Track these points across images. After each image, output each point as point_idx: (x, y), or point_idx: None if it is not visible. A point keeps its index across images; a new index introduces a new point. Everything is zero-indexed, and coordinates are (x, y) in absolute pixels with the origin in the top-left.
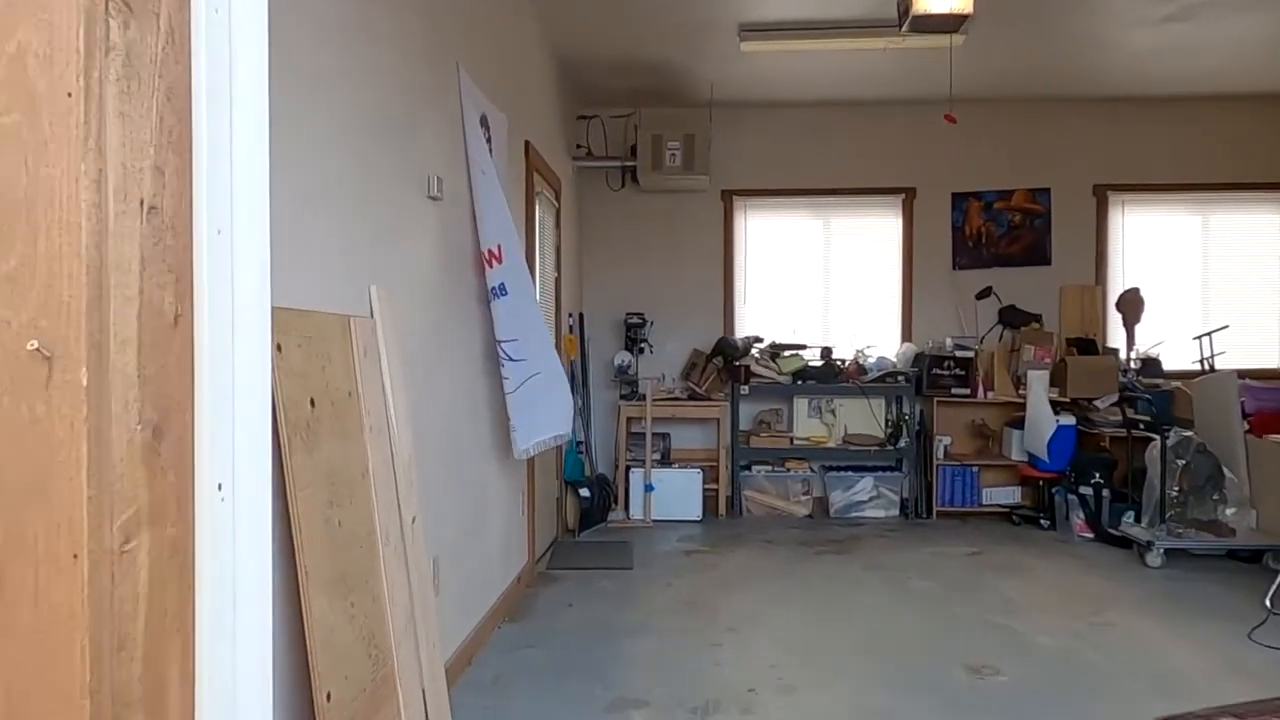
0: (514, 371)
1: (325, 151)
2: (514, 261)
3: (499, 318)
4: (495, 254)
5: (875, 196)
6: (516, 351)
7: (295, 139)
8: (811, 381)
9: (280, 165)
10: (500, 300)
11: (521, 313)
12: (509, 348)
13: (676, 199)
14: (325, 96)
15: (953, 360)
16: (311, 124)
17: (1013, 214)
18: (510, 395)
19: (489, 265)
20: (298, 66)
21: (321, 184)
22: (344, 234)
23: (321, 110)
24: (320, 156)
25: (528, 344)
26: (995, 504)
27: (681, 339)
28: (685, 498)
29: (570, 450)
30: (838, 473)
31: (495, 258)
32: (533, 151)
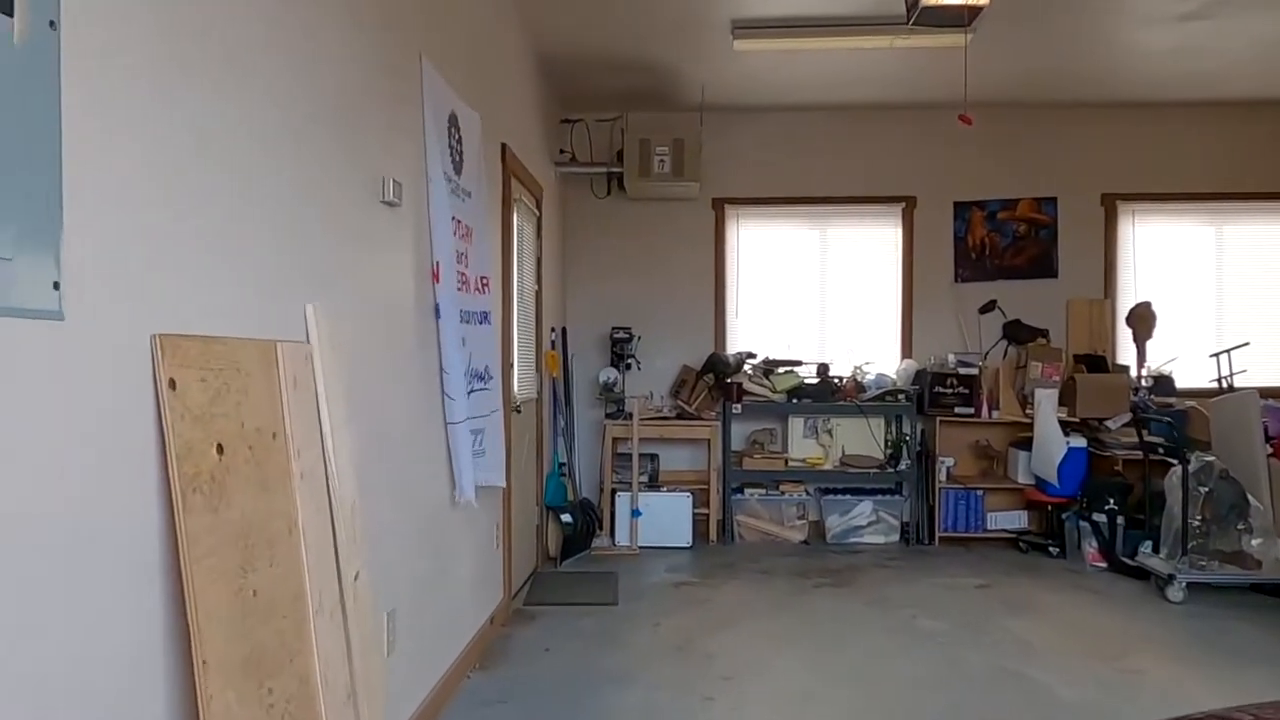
0: (450, 405)
1: (247, 144)
2: (449, 283)
3: (440, 343)
4: (435, 271)
5: (874, 205)
6: (450, 386)
7: (203, 123)
8: (807, 400)
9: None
10: (439, 323)
11: (453, 343)
12: (445, 380)
13: (665, 207)
14: (248, 78)
15: (955, 378)
16: (228, 108)
17: (1017, 224)
18: (451, 427)
19: (434, 282)
20: (205, 34)
21: (241, 183)
22: (272, 244)
23: (242, 94)
24: (241, 150)
25: (455, 381)
26: (1001, 529)
27: (670, 355)
28: (674, 523)
29: (552, 473)
30: (835, 496)
31: (435, 275)
32: (509, 155)
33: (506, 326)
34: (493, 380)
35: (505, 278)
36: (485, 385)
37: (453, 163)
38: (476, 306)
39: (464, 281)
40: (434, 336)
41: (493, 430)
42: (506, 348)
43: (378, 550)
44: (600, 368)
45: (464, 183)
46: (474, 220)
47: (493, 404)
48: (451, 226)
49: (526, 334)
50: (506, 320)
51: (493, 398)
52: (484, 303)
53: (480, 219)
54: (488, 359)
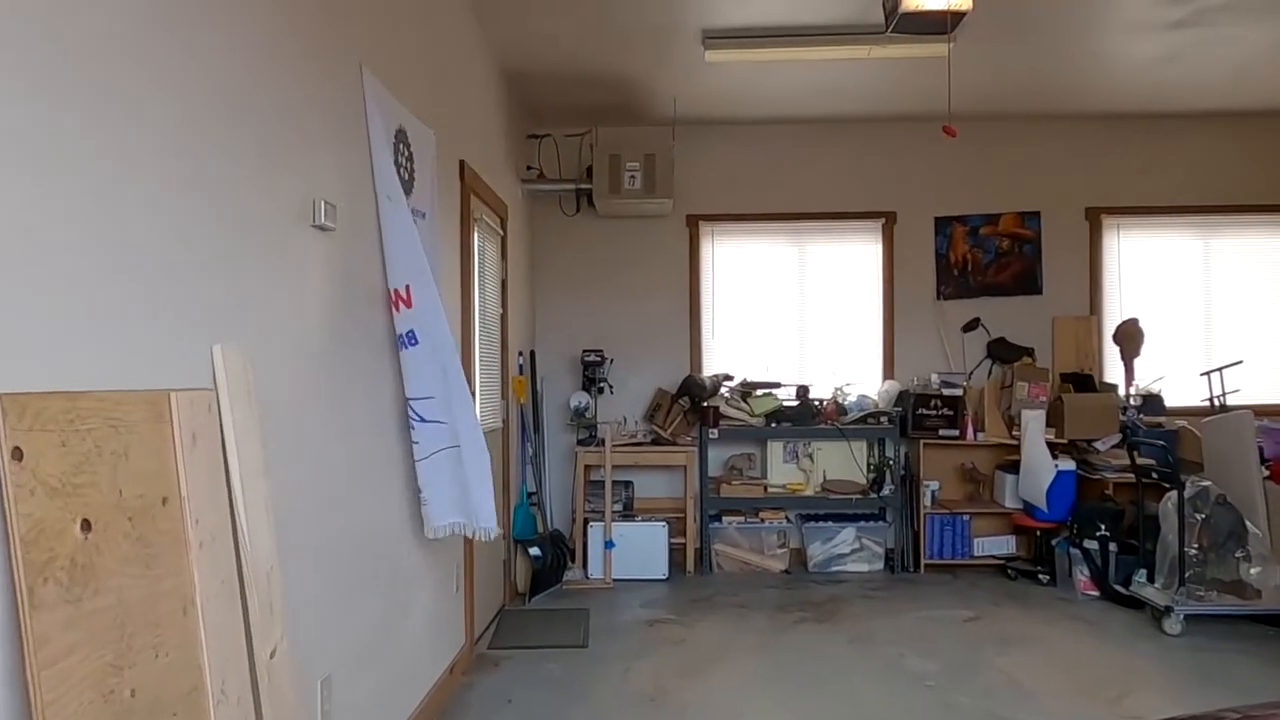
0: (426, 435)
1: (138, 158)
2: (426, 305)
3: (408, 371)
4: (403, 295)
5: (853, 221)
6: (429, 412)
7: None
8: (786, 423)
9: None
10: (409, 350)
11: (436, 367)
12: (420, 407)
13: (637, 225)
14: (142, 81)
15: (939, 399)
16: (114, 116)
17: (1000, 239)
18: (420, 462)
19: (396, 309)
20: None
21: (124, 202)
22: (170, 276)
23: (134, 99)
24: (128, 164)
25: (445, 406)
26: (988, 555)
27: (644, 378)
28: (649, 554)
29: (520, 504)
30: (816, 523)
31: (403, 300)
32: (469, 172)
33: (467, 352)
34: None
35: (466, 302)
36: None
37: (401, 181)
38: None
39: None
40: (394, 366)
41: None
42: (468, 374)
43: (311, 611)
44: (571, 392)
45: (414, 203)
46: (428, 243)
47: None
48: (419, 245)
49: (491, 359)
50: (467, 346)
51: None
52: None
53: (434, 242)
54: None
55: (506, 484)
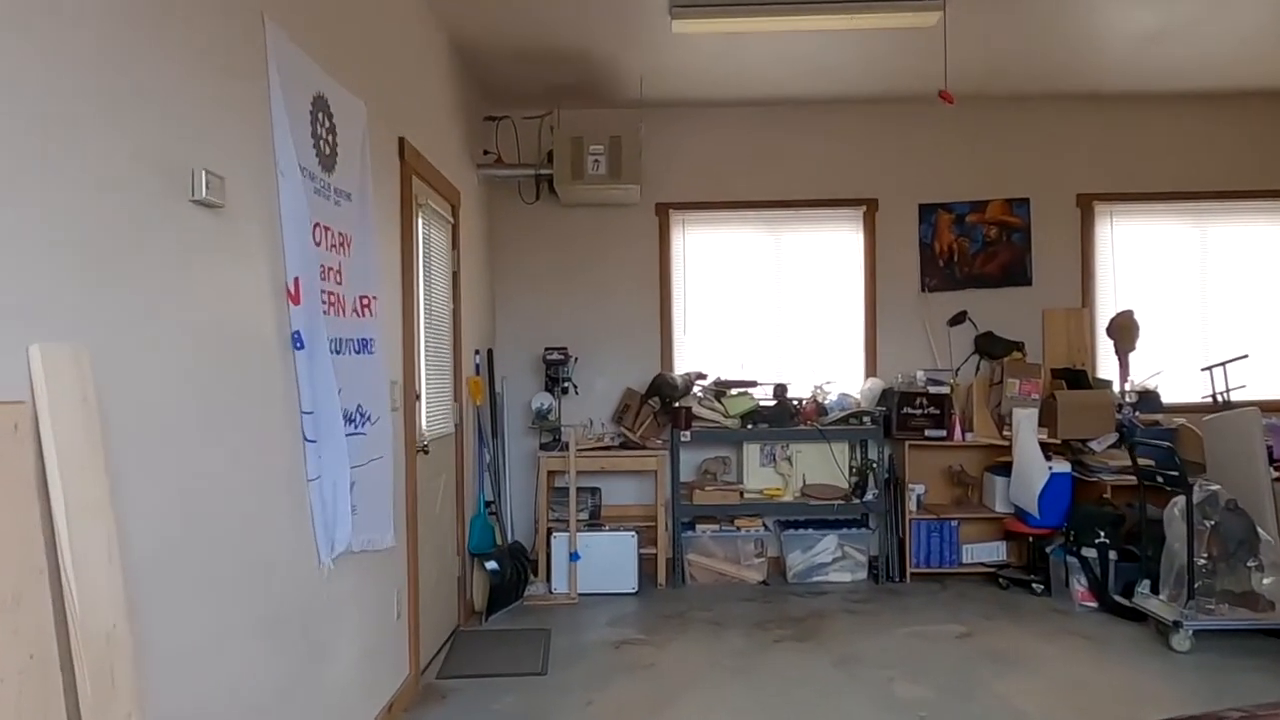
0: (314, 455)
1: None
2: (313, 305)
3: (300, 379)
4: (292, 291)
5: (832, 209)
6: (313, 429)
7: None
8: (764, 425)
9: None
10: (300, 355)
11: (321, 379)
12: (308, 424)
13: (603, 215)
14: None
15: (925, 397)
16: None
17: (988, 228)
18: (311, 483)
19: (290, 304)
20: None
21: None
22: None
23: None
24: None
25: (325, 425)
26: (977, 563)
27: (611, 377)
28: (618, 566)
29: (477, 515)
30: (796, 531)
31: (292, 295)
32: (410, 151)
33: (410, 352)
34: (375, 422)
35: (408, 296)
36: (360, 429)
37: (318, 156)
38: (353, 333)
39: (334, 303)
40: (288, 371)
41: (372, 481)
42: (410, 376)
43: (187, 671)
44: (533, 393)
45: (338, 181)
46: (353, 228)
47: (373, 450)
48: (311, 234)
49: (441, 359)
50: (410, 345)
51: (374, 443)
52: (364, 328)
53: (364, 227)
54: (364, 396)
55: (461, 493)
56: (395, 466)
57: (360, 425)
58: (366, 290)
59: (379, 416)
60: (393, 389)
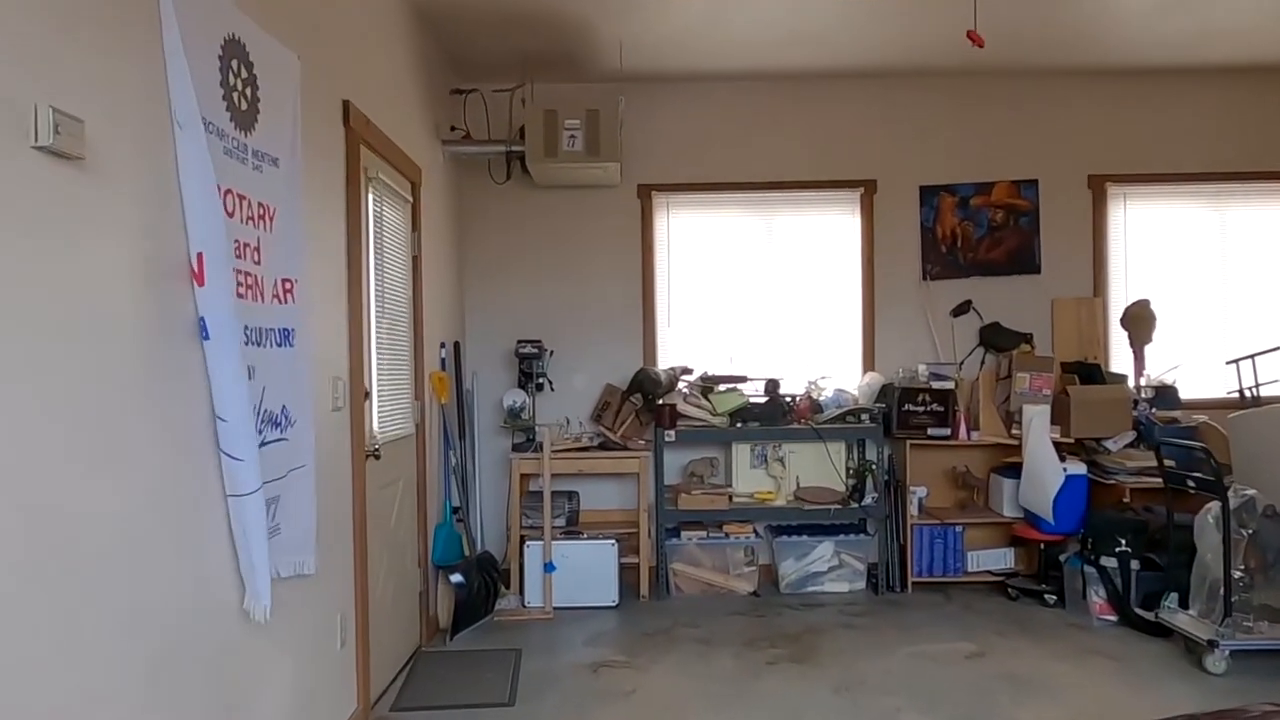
0: (231, 467)
1: None
2: (223, 287)
3: (212, 377)
4: (196, 269)
5: (827, 191)
6: (228, 437)
7: None
8: (754, 423)
9: None
10: (207, 347)
11: (231, 376)
12: (222, 431)
13: (580, 197)
14: None
15: (928, 393)
16: None
17: (993, 211)
18: (232, 502)
19: (195, 285)
20: None
21: None
22: None
23: None
24: None
25: (238, 432)
26: (984, 571)
27: (590, 372)
28: (597, 577)
29: (442, 523)
30: (789, 537)
31: (196, 275)
32: (358, 116)
33: (358, 344)
34: (295, 425)
35: (355, 280)
36: (283, 434)
37: (231, 110)
38: (275, 321)
39: (251, 285)
40: (192, 368)
41: (294, 495)
42: (358, 372)
43: None
44: (505, 390)
45: (259, 143)
46: (279, 198)
47: (294, 459)
48: (221, 201)
49: (397, 353)
50: (358, 336)
51: (294, 450)
52: (286, 316)
53: (293, 198)
54: (289, 396)
55: (422, 501)
56: (337, 474)
57: (285, 429)
58: (290, 272)
59: (299, 418)
60: (335, 386)
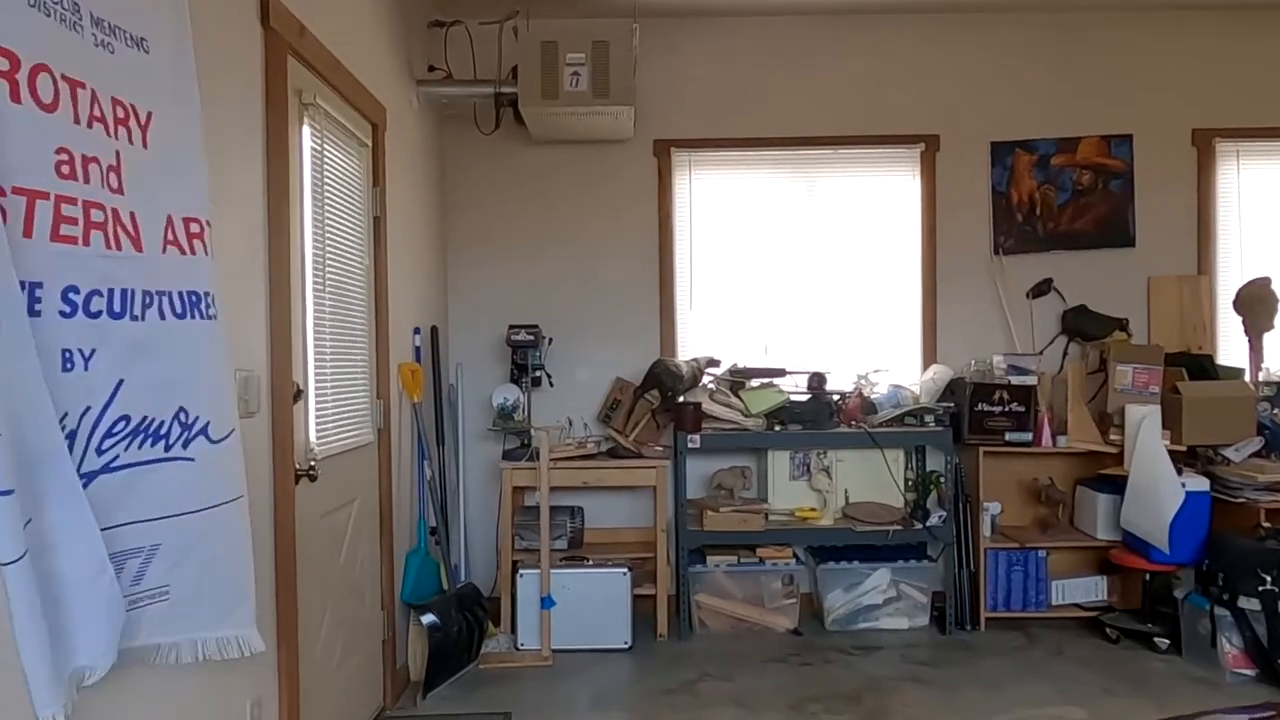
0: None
1: None
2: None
3: None
4: None
5: (881, 149)
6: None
7: None
8: (795, 426)
9: None
10: None
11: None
12: None
13: (585, 153)
14: None
15: (1006, 390)
16: None
17: (1079, 173)
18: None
19: None
20: None
21: None
22: None
23: None
24: None
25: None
26: (1071, 604)
27: (597, 365)
28: (606, 613)
29: (415, 550)
30: (837, 563)
31: None
32: (282, 15)
33: (283, 325)
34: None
35: (279, 237)
36: (184, 452)
37: None
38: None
39: (104, 225)
40: None
41: (208, 543)
42: (283, 364)
43: None
44: (495, 386)
45: (108, 10)
46: (151, 98)
47: (214, 486)
48: (28, 83)
49: (349, 338)
50: (282, 314)
51: (214, 475)
52: (192, 272)
53: (179, 106)
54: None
55: (389, 525)
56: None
57: (183, 444)
58: (194, 210)
59: (229, 429)
60: (242, 385)
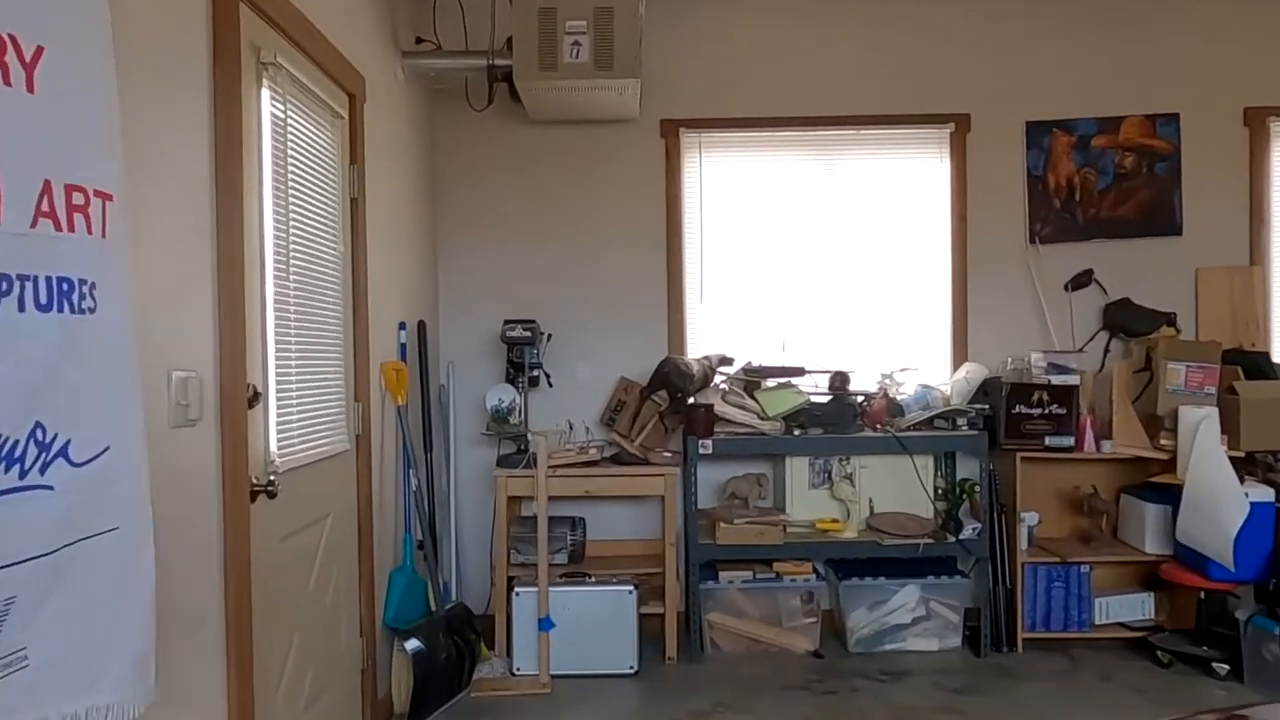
0: None
1: None
2: None
3: None
4: None
5: (908, 129)
6: None
7: None
8: (816, 430)
9: None
10: None
11: None
12: None
13: (586, 134)
14: None
15: (1047, 391)
16: None
17: (1121, 155)
18: None
19: None
20: None
21: None
22: None
23: None
24: None
25: None
26: (1115, 624)
27: (600, 363)
28: (610, 634)
29: (400, 567)
30: (860, 580)
31: None
32: None
33: (234, 318)
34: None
35: (229, 212)
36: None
37: None
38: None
39: None
40: None
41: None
42: (234, 364)
43: None
44: (489, 386)
45: None
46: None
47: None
48: None
49: (320, 333)
50: (235, 304)
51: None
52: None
53: (82, 45)
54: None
55: (368, 543)
56: (185, 532)
57: (42, 469)
58: (88, 179)
59: (101, 448)
60: (179, 388)
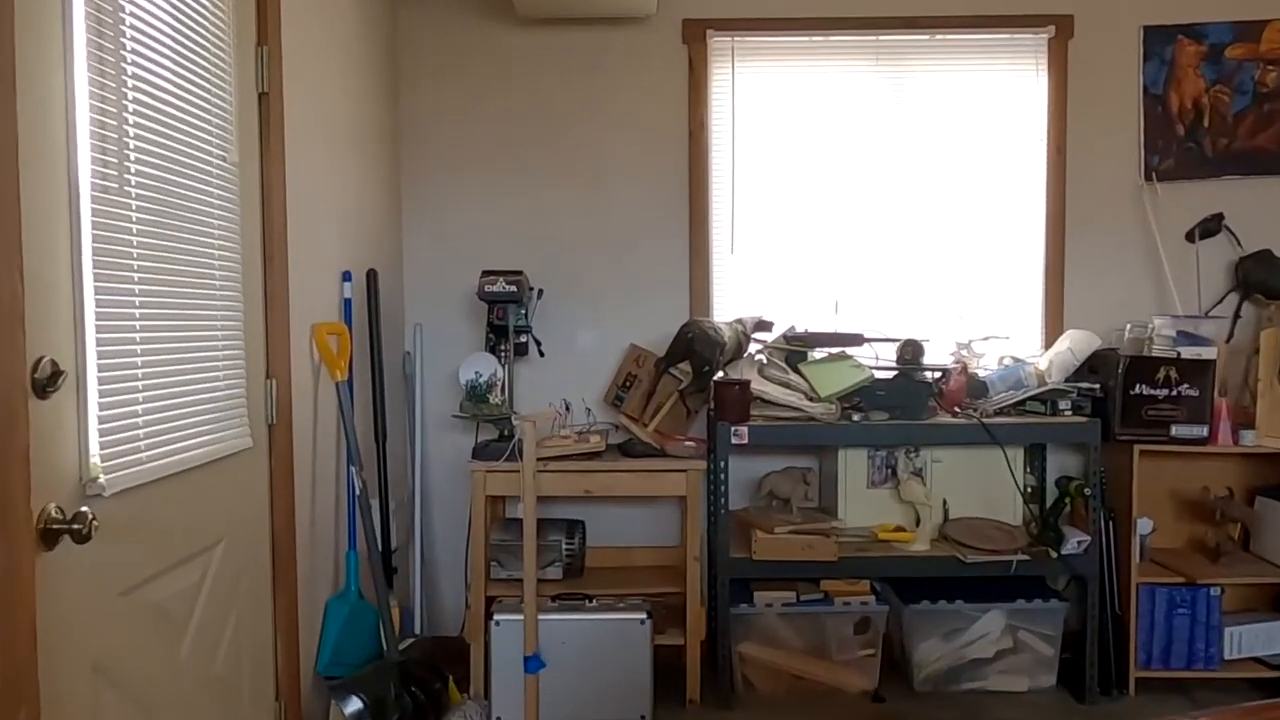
0: None
1: None
2: None
3: None
4: None
5: (992, 34)
6: None
7: None
8: (878, 413)
9: None
10: None
11: None
12: None
13: (589, 37)
14: None
15: (1175, 368)
16: None
17: (1262, 70)
18: None
19: None
20: None
21: None
22: None
23: None
24: None
25: None
26: (1247, 658)
27: (604, 328)
28: (616, 673)
29: (340, 594)
30: (933, 604)
31: None
32: None
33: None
34: None
35: None
36: None
37: None
38: None
39: None
40: None
41: None
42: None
43: None
44: (464, 356)
45: None
46: None
47: None
48: None
49: (202, 283)
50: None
51: None
52: None
53: None
54: None
55: (286, 571)
56: None
57: None
58: None
59: None
60: None
